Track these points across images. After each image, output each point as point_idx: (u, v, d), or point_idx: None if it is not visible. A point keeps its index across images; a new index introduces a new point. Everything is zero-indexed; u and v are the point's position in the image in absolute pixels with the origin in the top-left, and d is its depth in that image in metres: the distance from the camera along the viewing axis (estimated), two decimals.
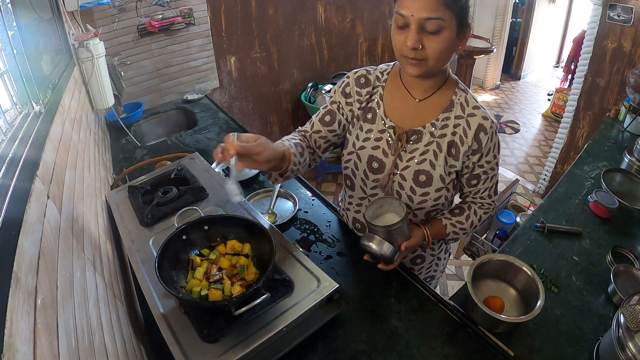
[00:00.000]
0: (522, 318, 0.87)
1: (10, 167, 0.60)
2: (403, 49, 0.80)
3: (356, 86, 0.98)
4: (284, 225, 1.24)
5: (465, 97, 0.90)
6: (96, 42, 1.65)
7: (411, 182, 0.93)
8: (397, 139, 0.93)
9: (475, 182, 0.95)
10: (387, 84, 0.96)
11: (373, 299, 0.97)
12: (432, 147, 0.91)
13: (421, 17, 0.75)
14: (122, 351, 0.71)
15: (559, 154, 2.91)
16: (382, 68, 0.99)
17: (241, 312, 0.71)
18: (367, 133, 0.97)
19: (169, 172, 1.23)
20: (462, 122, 0.89)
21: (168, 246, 0.81)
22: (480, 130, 0.88)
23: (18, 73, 0.87)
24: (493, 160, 0.92)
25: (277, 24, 2.69)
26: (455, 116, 0.90)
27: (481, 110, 0.89)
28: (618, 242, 1.26)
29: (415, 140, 0.92)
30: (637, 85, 1.96)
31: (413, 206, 0.96)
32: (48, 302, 0.50)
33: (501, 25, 4.61)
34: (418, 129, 0.92)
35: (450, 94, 0.91)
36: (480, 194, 0.98)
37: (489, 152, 0.91)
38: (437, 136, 0.91)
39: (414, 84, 0.92)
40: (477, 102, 0.90)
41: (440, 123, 0.91)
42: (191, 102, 2.36)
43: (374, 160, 0.96)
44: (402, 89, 0.94)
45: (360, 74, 0.98)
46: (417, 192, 0.93)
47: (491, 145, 0.90)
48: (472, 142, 0.88)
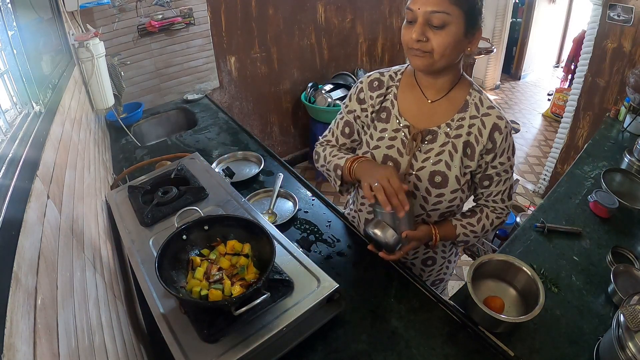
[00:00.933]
0: (522, 318, 0.87)
1: (10, 167, 0.60)
2: (409, 42, 0.82)
3: (369, 90, 0.98)
4: (284, 225, 1.24)
5: (479, 97, 0.90)
6: (96, 42, 1.65)
7: (427, 183, 0.93)
8: (412, 139, 0.93)
9: (488, 183, 0.94)
10: (401, 83, 0.97)
11: (373, 299, 0.97)
12: (447, 147, 0.91)
13: (426, 10, 0.77)
14: (122, 351, 0.71)
15: (559, 154, 2.91)
16: (396, 68, 0.99)
17: (241, 312, 0.71)
18: (382, 132, 0.97)
19: (169, 172, 1.23)
20: (477, 121, 0.89)
21: (168, 246, 0.81)
22: (495, 130, 0.88)
23: (18, 73, 0.87)
24: (507, 163, 0.92)
25: (277, 24, 2.69)
26: (471, 116, 0.90)
27: (496, 110, 0.89)
28: (618, 242, 1.26)
29: (430, 140, 0.92)
30: (637, 85, 1.96)
31: (427, 207, 0.95)
32: (48, 302, 0.50)
33: (501, 25, 4.61)
34: (433, 129, 0.92)
35: (465, 95, 0.91)
36: (493, 196, 0.97)
37: (503, 153, 0.90)
38: (452, 137, 0.90)
39: (428, 83, 0.92)
40: (492, 102, 0.91)
41: (456, 123, 0.90)
42: (191, 102, 2.36)
43: (388, 160, 0.96)
44: (417, 89, 0.94)
45: (373, 78, 0.99)
46: (432, 193, 0.93)
47: (505, 146, 0.89)
48: (487, 142, 0.88)
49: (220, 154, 1.71)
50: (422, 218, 0.99)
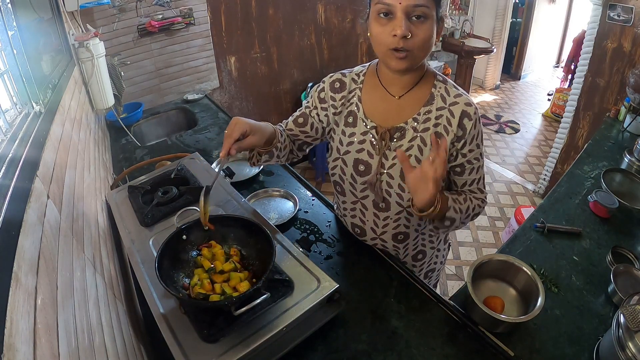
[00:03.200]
0: (522, 318, 0.87)
1: (10, 167, 0.60)
2: (389, 41, 0.78)
3: (330, 91, 0.98)
4: (284, 225, 1.24)
5: (445, 88, 0.89)
6: (96, 42, 1.65)
7: (399, 179, 0.92)
8: (380, 138, 0.92)
9: (460, 170, 0.92)
10: (364, 85, 0.96)
11: (373, 299, 0.97)
12: (416, 142, 0.90)
13: (409, 4, 0.74)
14: (122, 351, 0.71)
15: (559, 154, 2.91)
16: (358, 69, 0.98)
17: (241, 312, 0.71)
18: (350, 137, 0.96)
19: (169, 172, 1.23)
20: (445, 112, 0.88)
21: (168, 246, 0.81)
22: (464, 116, 0.86)
23: (18, 73, 0.87)
24: (476, 150, 0.90)
25: (277, 24, 2.69)
26: (437, 108, 0.88)
27: (464, 97, 0.87)
28: (618, 242, 1.26)
29: (398, 137, 0.91)
30: (637, 85, 1.96)
31: (404, 204, 0.95)
32: (48, 302, 0.50)
33: (501, 25, 4.61)
34: (400, 125, 0.91)
35: (429, 87, 0.90)
36: (469, 185, 0.94)
37: (472, 140, 0.89)
38: (420, 130, 0.90)
39: (392, 81, 0.91)
40: (459, 89, 0.89)
41: (423, 117, 0.89)
42: (191, 102, 2.36)
43: (360, 163, 0.96)
44: (380, 88, 0.93)
45: (335, 79, 0.98)
46: (406, 189, 0.92)
47: (475, 132, 0.88)
48: (457, 129, 0.87)
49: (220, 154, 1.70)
50: (404, 216, 0.98)
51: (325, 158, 3.11)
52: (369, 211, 1.03)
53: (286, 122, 1.07)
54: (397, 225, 1.01)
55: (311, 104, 1.02)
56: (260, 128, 0.89)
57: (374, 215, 1.02)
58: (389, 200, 0.97)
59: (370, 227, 1.06)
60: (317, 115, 1.01)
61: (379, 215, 1.01)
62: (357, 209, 1.05)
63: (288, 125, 1.05)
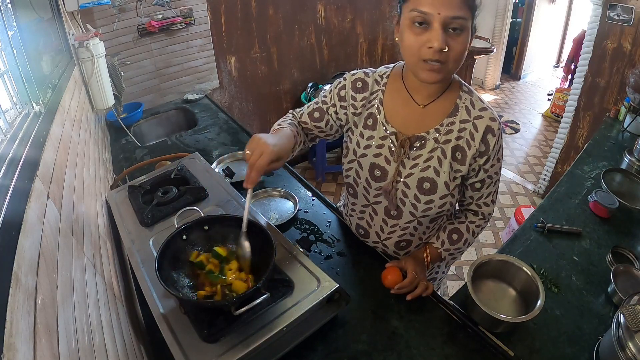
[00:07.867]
0: (522, 318, 0.87)
1: (10, 167, 0.60)
2: (423, 52, 0.74)
3: (352, 90, 0.94)
4: (284, 225, 1.24)
5: (470, 100, 0.87)
6: (96, 42, 1.65)
7: (415, 190, 0.91)
8: (399, 146, 0.89)
9: (480, 185, 0.93)
10: (387, 87, 0.92)
11: (373, 299, 0.97)
12: (436, 153, 0.88)
13: (447, 16, 0.70)
14: (122, 351, 0.71)
15: (559, 154, 2.91)
16: (382, 71, 0.95)
17: (241, 312, 0.71)
18: (369, 140, 0.94)
19: (169, 172, 1.23)
20: (469, 125, 0.86)
21: (168, 246, 0.81)
22: (488, 132, 0.85)
23: (18, 73, 0.87)
24: (497, 164, 0.91)
25: (277, 24, 2.69)
26: (461, 120, 0.86)
27: (488, 111, 0.86)
28: (618, 242, 1.26)
29: (418, 146, 0.89)
30: (637, 85, 1.96)
31: (417, 214, 0.94)
32: (48, 302, 0.50)
33: (501, 25, 4.61)
34: (422, 134, 0.89)
35: (455, 97, 0.87)
36: (484, 199, 0.96)
37: (495, 156, 0.88)
38: (441, 142, 0.87)
39: (419, 88, 0.88)
40: (484, 103, 0.87)
41: (445, 128, 0.87)
42: (191, 102, 2.36)
43: (376, 168, 0.94)
44: (404, 93, 0.90)
45: (357, 77, 0.95)
46: (422, 200, 0.91)
47: (497, 148, 0.88)
48: (479, 145, 0.85)
49: (220, 154, 1.71)
50: (413, 225, 0.98)
51: (325, 158, 3.12)
52: (378, 216, 1.01)
53: (300, 112, 1.03)
54: (403, 233, 1.00)
55: (329, 100, 0.98)
56: (284, 149, 0.83)
57: (383, 221, 1.01)
58: (402, 209, 0.95)
59: (375, 231, 1.05)
60: (335, 113, 0.98)
61: (387, 221, 1.00)
62: (367, 212, 1.04)
63: (302, 117, 1.02)
